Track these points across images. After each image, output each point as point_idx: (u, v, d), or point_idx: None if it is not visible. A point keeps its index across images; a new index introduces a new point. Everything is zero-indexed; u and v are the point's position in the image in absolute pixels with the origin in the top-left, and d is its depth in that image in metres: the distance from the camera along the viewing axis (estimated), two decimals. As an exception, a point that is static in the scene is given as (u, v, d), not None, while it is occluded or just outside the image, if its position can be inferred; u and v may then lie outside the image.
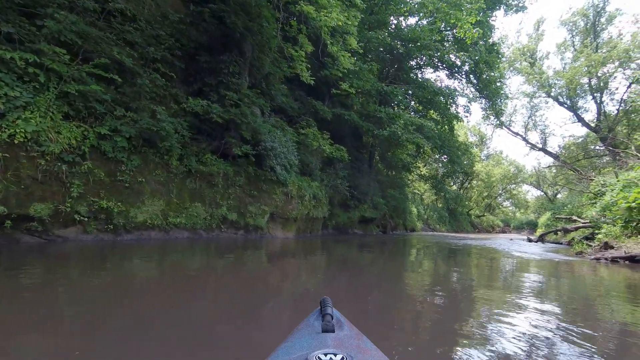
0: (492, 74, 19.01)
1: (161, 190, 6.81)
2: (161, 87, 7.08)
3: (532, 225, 49.61)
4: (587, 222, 14.27)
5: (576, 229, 14.14)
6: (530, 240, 17.27)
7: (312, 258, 6.81)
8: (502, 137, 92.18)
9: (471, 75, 19.11)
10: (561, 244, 15.66)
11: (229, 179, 8.37)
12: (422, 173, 25.19)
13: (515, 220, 58.19)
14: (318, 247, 9.15)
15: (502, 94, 19.19)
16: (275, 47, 9.74)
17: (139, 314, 2.33)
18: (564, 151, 27.99)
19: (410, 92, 17.26)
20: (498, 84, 18.96)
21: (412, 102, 15.43)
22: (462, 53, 15.61)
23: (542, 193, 57.34)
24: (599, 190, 15.65)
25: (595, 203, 15.75)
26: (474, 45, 17.10)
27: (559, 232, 15.97)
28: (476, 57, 17.12)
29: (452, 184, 41.57)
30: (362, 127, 13.90)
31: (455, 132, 22.13)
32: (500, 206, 60.92)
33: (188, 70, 8.03)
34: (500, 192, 55.58)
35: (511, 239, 19.25)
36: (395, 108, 12.98)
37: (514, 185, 56.99)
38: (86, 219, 5.63)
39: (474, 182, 46.84)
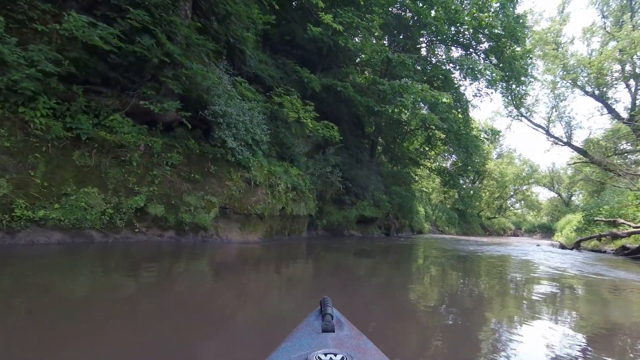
0: (517, 49, 16.07)
1: (9, 164, 4.10)
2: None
3: (544, 229, 46.59)
4: (641, 227, 11.35)
5: (629, 234, 11.24)
6: (563, 248, 14.34)
7: (274, 276, 4.15)
8: (516, 134, 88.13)
9: (492, 56, 16.18)
10: (604, 252, 12.73)
11: (154, 155, 5.64)
12: (432, 167, 22.23)
13: (526, 223, 55.01)
14: (294, 257, 6.43)
15: (528, 73, 16.19)
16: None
17: None
18: (592, 146, 24.83)
19: (419, 67, 14.39)
20: (523, 62, 15.97)
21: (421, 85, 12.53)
22: (485, 18, 12.63)
23: (556, 195, 54.26)
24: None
25: (649, 203, 12.82)
26: (500, 11, 14.21)
27: (602, 238, 13.05)
28: (499, 28, 14.23)
29: (462, 183, 38.39)
30: (360, 104, 11.08)
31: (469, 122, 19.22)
32: (510, 208, 57.79)
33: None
34: (512, 193, 52.49)
35: (538, 245, 16.30)
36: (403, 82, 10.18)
37: (527, 186, 53.98)
38: None
39: (485, 181, 43.76)
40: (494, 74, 11.84)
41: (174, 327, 2.12)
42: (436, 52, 16.66)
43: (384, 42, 12.35)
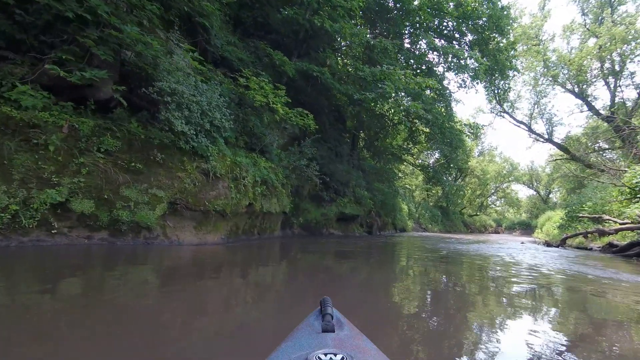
0: (502, 41, 15.59)
1: None
2: None
3: (524, 226, 47.27)
4: (628, 223, 10.98)
5: (617, 231, 10.84)
6: (548, 245, 13.93)
7: (234, 285, 3.31)
8: (497, 132, 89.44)
9: (476, 49, 15.65)
10: (590, 249, 12.35)
11: (81, 138, 4.60)
12: (416, 163, 21.65)
13: (506, 220, 55.81)
14: (260, 260, 5.54)
15: (513, 66, 15.73)
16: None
17: None
18: (572, 142, 24.88)
19: (401, 57, 13.65)
20: (507, 55, 15.49)
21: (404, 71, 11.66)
22: (471, 3, 11.95)
23: (535, 192, 55.26)
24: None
25: (635, 198, 12.52)
26: (483, 2, 13.65)
27: (588, 235, 12.67)
28: (485, 16, 13.67)
29: (445, 180, 38.35)
30: (338, 92, 10.22)
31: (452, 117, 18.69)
32: (491, 206, 58.54)
33: None
34: (493, 190, 53.10)
35: (522, 243, 15.90)
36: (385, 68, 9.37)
37: (507, 184, 54.80)
38: None
39: (467, 179, 43.86)
40: (479, 63, 11.20)
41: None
42: (419, 45, 16.04)
43: (366, 30, 11.52)
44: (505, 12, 15.08)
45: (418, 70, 14.97)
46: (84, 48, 4.31)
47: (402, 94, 9.43)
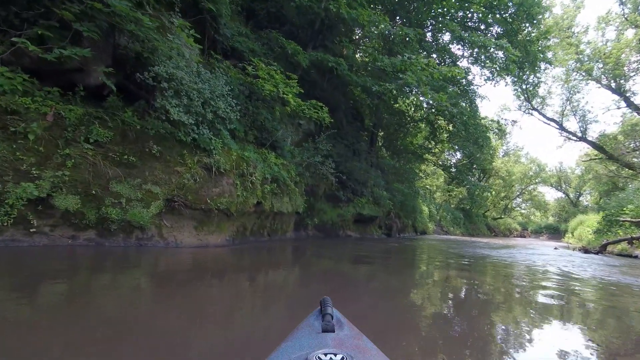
0: (533, 32, 14.46)
1: None
2: None
3: (551, 230, 45.05)
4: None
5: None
6: (586, 252, 12.73)
7: (235, 295, 2.83)
8: (523, 131, 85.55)
9: (504, 39, 14.59)
10: (635, 257, 11.14)
11: (67, 127, 4.15)
12: (437, 162, 20.62)
13: (532, 224, 53.36)
14: (269, 264, 4.99)
15: (546, 58, 14.55)
16: None
17: None
18: (608, 141, 23.14)
19: (423, 51, 12.80)
20: (539, 45, 14.35)
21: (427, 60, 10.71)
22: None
23: (563, 195, 52.67)
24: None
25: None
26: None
27: (634, 242, 11.44)
28: (512, 8, 12.64)
29: (465, 184, 36.95)
30: (355, 85, 9.53)
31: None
32: (516, 208, 56.16)
33: None
34: (518, 192, 50.85)
35: (555, 248, 14.68)
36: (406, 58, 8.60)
37: (533, 186, 52.39)
38: None
39: (491, 180, 42.04)
40: (509, 54, 10.23)
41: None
42: (441, 38, 15.08)
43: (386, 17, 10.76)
44: (536, 0, 14.00)
45: (441, 63, 14.07)
46: (67, 25, 3.84)
47: (425, 86, 8.60)
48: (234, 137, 6.74)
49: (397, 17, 13.65)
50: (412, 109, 15.26)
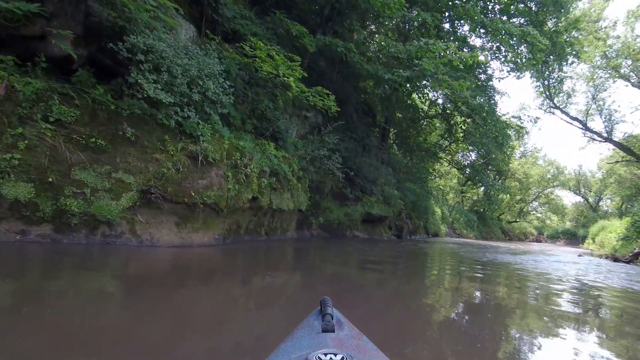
0: (560, 22, 13.40)
1: None
2: None
3: (569, 235, 43.33)
4: None
5: None
6: (616, 260, 11.68)
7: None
8: (541, 132, 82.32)
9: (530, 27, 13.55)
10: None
11: (21, 103, 3.52)
12: (453, 161, 19.64)
13: (548, 228, 51.52)
14: (261, 267, 4.34)
15: (575, 49, 13.45)
16: None
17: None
18: (636, 142, 21.73)
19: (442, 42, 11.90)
20: (568, 36, 13.27)
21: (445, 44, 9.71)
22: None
23: (582, 199, 50.80)
24: None
25: None
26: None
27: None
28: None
29: (481, 184, 35.42)
30: (366, 73, 8.75)
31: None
32: (532, 212, 54.37)
33: None
34: (535, 196, 49.13)
35: (580, 255, 13.62)
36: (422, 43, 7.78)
37: (551, 189, 50.58)
38: None
39: (507, 182, 40.56)
40: (536, 41, 9.27)
41: None
42: (458, 28, 14.10)
43: None
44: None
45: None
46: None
47: (444, 75, 7.75)
48: (228, 125, 6.07)
49: (413, 7, 12.82)
50: (427, 103, 14.33)
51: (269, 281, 3.68)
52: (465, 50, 13.19)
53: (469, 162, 23.73)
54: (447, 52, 7.59)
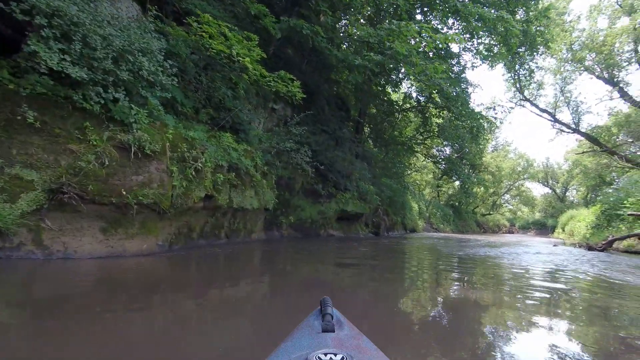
0: (530, 12, 13.31)
1: None
2: None
3: (539, 226, 44.94)
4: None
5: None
6: (590, 249, 11.66)
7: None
8: (513, 125, 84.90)
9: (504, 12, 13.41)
10: (645, 254, 10.05)
11: None
12: (427, 155, 19.42)
13: (519, 219, 53.25)
14: (212, 278, 3.57)
15: (546, 37, 13.40)
16: None
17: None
18: (601, 133, 22.35)
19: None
20: (539, 24, 13.19)
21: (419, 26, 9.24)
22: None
23: (550, 190, 52.84)
24: None
25: None
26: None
27: (642, 238, 10.39)
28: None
29: (454, 178, 35.81)
30: (334, 59, 8.12)
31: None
32: (504, 205, 56.08)
33: None
34: (507, 188, 50.62)
35: (554, 245, 13.60)
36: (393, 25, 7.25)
37: (521, 182, 52.36)
38: None
39: (481, 176, 41.34)
40: (510, 27, 8.96)
41: None
42: (430, 17, 13.78)
43: None
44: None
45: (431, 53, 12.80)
46: None
47: (417, 57, 7.23)
48: (176, 114, 5.25)
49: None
50: (402, 97, 13.94)
51: (228, 294, 2.97)
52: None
53: (444, 156, 23.74)
54: (420, 34, 7.05)
